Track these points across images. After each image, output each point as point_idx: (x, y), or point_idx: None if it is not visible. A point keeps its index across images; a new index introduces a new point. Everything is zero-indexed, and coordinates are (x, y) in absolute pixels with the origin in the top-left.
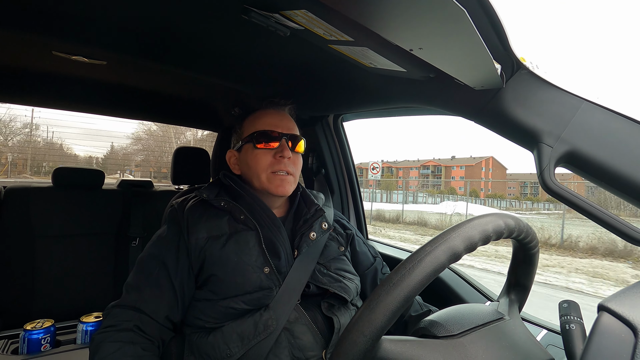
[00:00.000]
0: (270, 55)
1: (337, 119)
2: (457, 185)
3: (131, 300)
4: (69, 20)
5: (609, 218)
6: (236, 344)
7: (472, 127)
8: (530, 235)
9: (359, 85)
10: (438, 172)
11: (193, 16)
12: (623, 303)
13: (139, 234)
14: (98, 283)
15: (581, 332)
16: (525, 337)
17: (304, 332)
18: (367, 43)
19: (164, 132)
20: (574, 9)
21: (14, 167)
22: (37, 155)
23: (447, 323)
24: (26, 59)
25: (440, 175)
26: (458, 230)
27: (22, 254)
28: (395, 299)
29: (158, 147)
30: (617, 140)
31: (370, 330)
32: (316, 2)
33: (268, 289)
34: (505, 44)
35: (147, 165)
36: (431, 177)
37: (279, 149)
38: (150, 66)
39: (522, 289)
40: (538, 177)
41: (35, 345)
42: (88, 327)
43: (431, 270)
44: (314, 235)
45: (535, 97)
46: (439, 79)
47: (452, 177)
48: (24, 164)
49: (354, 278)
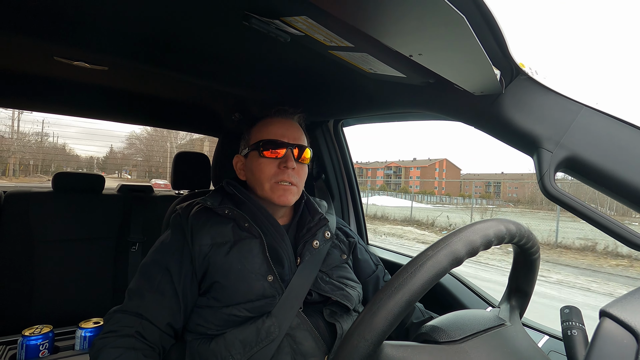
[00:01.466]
0: (271, 61)
1: (337, 124)
2: (415, 184)
3: (133, 306)
4: (70, 26)
5: (609, 223)
6: (238, 351)
7: (431, 130)
8: (531, 240)
9: (358, 91)
10: (399, 173)
11: (194, 22)
12: (625, 309)
13: (139, 239)
14: (97, 288)
15: (583, 338)
16: (526, 343)
17: (305, 337)
18: (367, 49)
19: (153, 138)
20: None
21: (26, 168)
22: (45, 159)
23: (448, 328)
24: (28, 64)
25: (400, 176)
26: (460, 235)
27: (22, 259)
28: (397, 303)
29: (149, 151)
30: (616, 146)
31: (372, 334)
32: (316, 9)
33: (271, 297)
34: (504, 50)
35: (141, 166)
36: (393, 177)
37: (284, 159)
38: (151, 71)
39: (523, 295)
40: (538, 182)
41: (34, 352)
42: (87, 333)
43: (433, 274)
44: (317, 243)
45: (535, 103)
46: (439, 84)
47: (410, 177)
48: (34, 167)
49: (356, 286)
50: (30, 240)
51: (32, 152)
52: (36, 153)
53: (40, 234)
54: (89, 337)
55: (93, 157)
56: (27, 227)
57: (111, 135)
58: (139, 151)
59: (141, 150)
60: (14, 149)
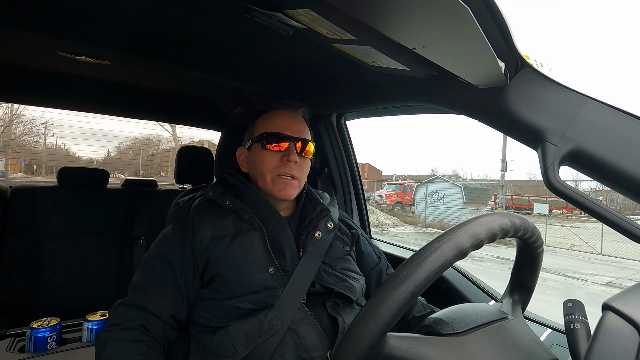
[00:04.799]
0: (273, 54)
1: (340, 117)
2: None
3: (136, 299)
4: (73, 21)
5: (613, 216)
6: (241, 343)
7: (363, 136)
8: (535, 234)
9: (361, 84)
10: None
11: (197, 15)
12: (628, 302)
13: (143, 233)
14: (103, 281)
15: (586, 331)
16: (529, 337)
17: (309, 332)
18: (370, 42)
19: (138, 145)
20: (577, 6)
21: (29, 168)
22: (49, 160)
23: (451, 321)
24: (30, 58)
25: None
26: (464, 227)
27: (29, 253)
28: (402, 294)
29: (135, 154)
30: (622, 139)
31: (377, 325)
32: (319, 1)
33: (273, 288)
34: (509, 42)
35: (130, 168)
36: None
37: (286, 152)
38: (154, 66)
39: (525, 290)
40: (542, 175)
41: (42, 344)
42: (93, 325)
43: (438, 266)
44: (320, 234)
45: (540, 95)
46: (443, 77)
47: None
48: (38, 167)
49: (359, 278)
50: (37, 234)
51: (43, 154)
52: (45, 154)
53: (46, 228)
54: (96, 329)
55: (93, 159)
56: (34, 221)
57: (110, 135)
58: (126, 158)
59: (129, 156)
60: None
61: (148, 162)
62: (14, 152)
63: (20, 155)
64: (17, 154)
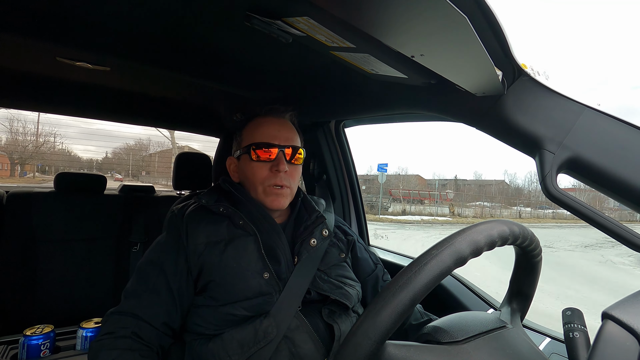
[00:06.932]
0: (272, 61)
1: (338, 124)
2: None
3: (129, 306)
4: (73, 27)
5: (610, 224)
6: (236, 352)
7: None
8: (534, 242)
9: (360, 92)
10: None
11: (196, 23)
12: (627, 311)
13: (140, 239)
14: (98, 288)
15: (585, 340)
16: (528, 346)
17: (305, 340)
18: (368, 49)
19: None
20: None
21: (41, 169)
22: (57, 161)
23: (451, 329)
24: (30, 64)
25: None
26: (464, 235)
27: (24, 259)
28: (401, 301)
29: (130, 157)
30: (619, 147)
31: (375, 333)
32: (318, 9)
33: (268, 294)
34: (506, 50)
35: (124, 169)
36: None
37: (275, 162)
38: (153, 72)
39: (524, 298)
40: (540, 183)
41: (35, 351)
42: (88, 333)
43: (437, 273)
44: (315, 241)
45: (537, 104)
46: (440, 85)
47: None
48: (49, 168)
49: (355, 284)
50: (32, 240)
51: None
52: (51, 155)
53: (42, 233)
54: (90, 337)
55: (92, 159)
56: (29, 227)
57: (110, 135)
58: (124, 159)
59: (125, 158)
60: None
61: (135, 164)
62: (34, 158)
63: (37, 160)
64: (34, 159)
